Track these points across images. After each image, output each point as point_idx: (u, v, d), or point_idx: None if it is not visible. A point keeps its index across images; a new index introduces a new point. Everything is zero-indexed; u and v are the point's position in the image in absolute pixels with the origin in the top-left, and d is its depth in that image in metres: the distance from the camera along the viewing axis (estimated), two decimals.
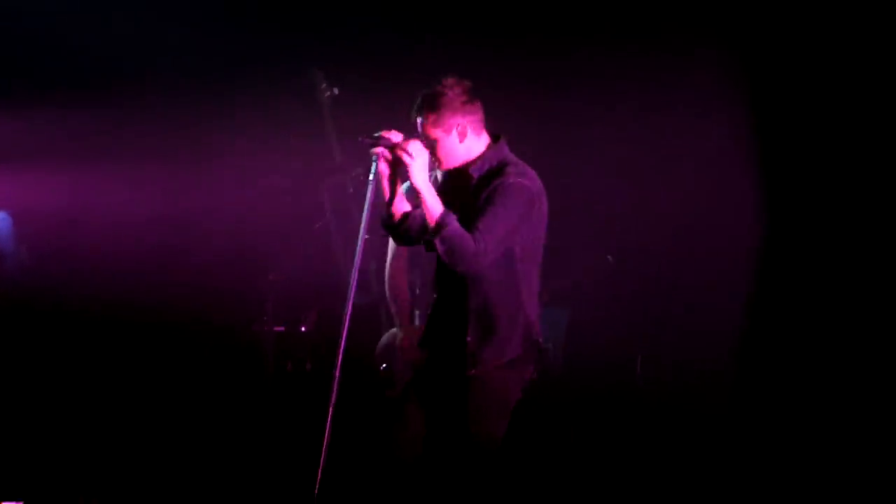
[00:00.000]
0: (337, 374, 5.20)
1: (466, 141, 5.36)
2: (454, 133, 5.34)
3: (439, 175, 5.50)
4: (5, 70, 7.80)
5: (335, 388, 5.18)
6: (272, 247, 7.66)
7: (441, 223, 5.23)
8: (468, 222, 5.25)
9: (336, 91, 7.10)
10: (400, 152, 5.31)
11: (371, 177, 5.34)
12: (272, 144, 7.66)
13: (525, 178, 5.34)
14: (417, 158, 5.29)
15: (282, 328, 7.56)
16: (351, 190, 7.00)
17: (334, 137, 7.10)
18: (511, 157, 5.42)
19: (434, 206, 5.26)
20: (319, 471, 5.21)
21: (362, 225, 5.30)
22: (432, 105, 5.34)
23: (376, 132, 5.36)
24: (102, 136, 7.81)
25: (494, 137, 5.43)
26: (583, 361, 7.40)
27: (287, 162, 7.65)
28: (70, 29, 7.69)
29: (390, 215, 5.45)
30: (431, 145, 5.35)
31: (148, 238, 7.77)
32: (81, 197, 7.86)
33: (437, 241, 5.25)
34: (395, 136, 5.34)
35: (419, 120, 5.37)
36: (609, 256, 7.69)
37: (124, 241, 7.78)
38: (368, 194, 5.33)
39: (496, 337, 5.38)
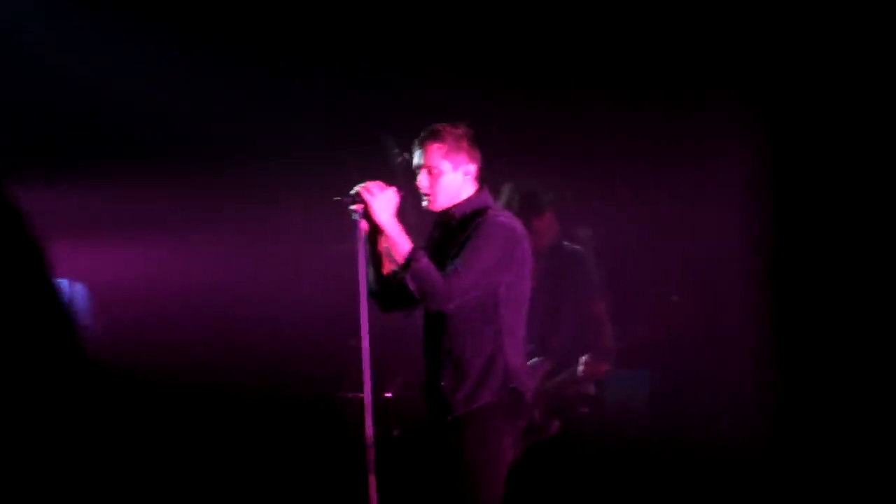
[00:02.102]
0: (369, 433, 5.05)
1: (465, 184, 5.24)
2: (460, 172, 5.27)
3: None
4: (68, 145, 7.71)
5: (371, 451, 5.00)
6: (351, 313, 7.48)
7: (410, 258, 5.11)
8: (444, 262, 5.14)
9: (408, 156, 6.92)
10: (361, 196, 5.11)
11: (361, 237, 5.13)
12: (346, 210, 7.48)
13: (506, 218, 5.27)
14: (378, 196, 5.11)
15: None
16: None
17: (408, 203, 6.94)
18: (494, 202, 5.38)
19: (401, 242, 5.16)
20: None
21: (361, 282, 5.11)
22: (443, 137, 5.27)
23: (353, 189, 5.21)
24: (166, 204, 7.70)
25: (480, 186, 5.35)
26: (669, 427, 6.86)
27: None
28: (126, 100, 7.59)
29: (378, 278, 5.27)
30: (433, 178, 5.14)
31: (221, 308, 7.66)
32: (152, 268, 7.77)
33: (407, 279, 5.12)
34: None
35: (426, 149, 5.29)
36: (674, 297, 7.16)
37: (199, 310, 7.67)
38: (360, 252, 5.17)
39: (469, 381, 5.20)
